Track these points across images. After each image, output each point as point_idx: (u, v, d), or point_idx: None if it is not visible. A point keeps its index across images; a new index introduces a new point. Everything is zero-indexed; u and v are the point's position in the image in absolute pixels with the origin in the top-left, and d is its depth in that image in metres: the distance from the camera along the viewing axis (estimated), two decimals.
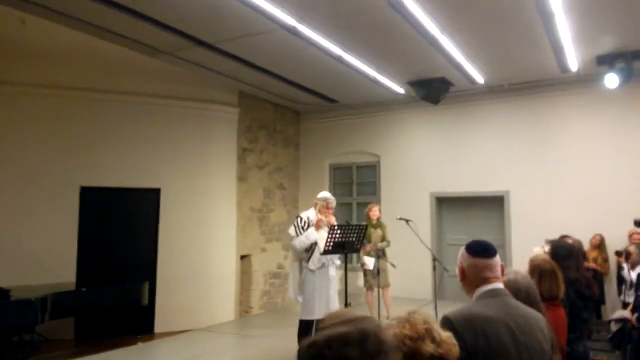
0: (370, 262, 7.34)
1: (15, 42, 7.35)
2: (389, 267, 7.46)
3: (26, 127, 7.65)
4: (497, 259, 2.01)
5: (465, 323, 1.76)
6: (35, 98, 7.72)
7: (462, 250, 2.05)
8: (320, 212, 5.85)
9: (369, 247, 7.37)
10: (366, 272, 7.55)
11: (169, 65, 7.87)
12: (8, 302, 5.97)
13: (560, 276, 2.93)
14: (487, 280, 1.95)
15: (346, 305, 5.55)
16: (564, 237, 4.26)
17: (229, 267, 9.07)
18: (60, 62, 7.82)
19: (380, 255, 7.40)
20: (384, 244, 7.60)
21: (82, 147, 7.92)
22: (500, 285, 1.97)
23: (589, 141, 8.39)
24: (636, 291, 5.92)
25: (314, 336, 1.19)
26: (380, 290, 7.41)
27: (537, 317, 1.96)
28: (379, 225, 7.68)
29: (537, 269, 2.97)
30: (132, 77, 8.27)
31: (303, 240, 5.72)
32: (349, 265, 5.79)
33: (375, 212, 7.71)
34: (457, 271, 2.07)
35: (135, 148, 8.26)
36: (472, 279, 1.98)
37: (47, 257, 7.49)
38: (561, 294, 2.93)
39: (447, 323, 1.77)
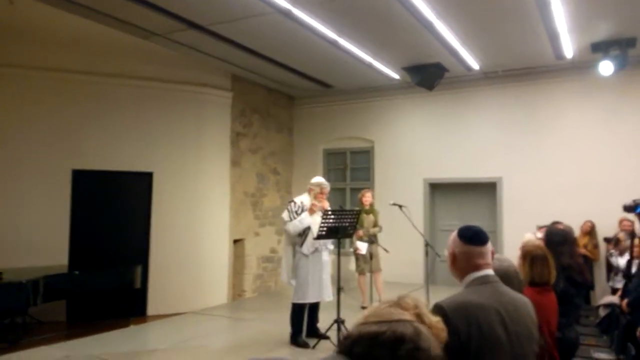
0: (362, 247, 7.38)
1: (5, 23, 7.22)
2: (380, 252, 7.50)
3: (17, 109, 7.55)
4: (489, 246, 2.01)
5: (457, 311, 1.76)
6: (25, 80, 7.62)
7: (454, 235, 2.03)
8: (315, 197, 5.86)
9: (361, 233, 7.40)
10: (358, 257, 7.59)
11: (162, 48, 7.78)
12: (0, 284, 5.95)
13: (552, 262, 2.95)
14: (478, 267, 1.94)
15: (338, 289, 5.59)
16: (555, 223, 4.28)
17: (222, 250, 9.08)
18: (52, 44, 7.71)
19: (372, 240, 7.44)
20: (376, 229, 7.63)
21: (74, 130, 7.84)
22: (490, 271, 1.96)
23: (582, 128, 8.42)
24: (624, 277, 6.01)
25: (352, 329, 1.19)
26: (372, 274, 7.46)
27: (525, 302, 1.97)
28: (372, 210, 7.70)
29: (528, 254, 2.99)
30: (125, 60, 8.17)
31: (296, 225, 5.74)
32: (342, 250, 5.83)
33: (367, 198, 7.72)
34: (446, 256, 2.06)
35: (128, 131, 8.19)
36: (462, 265, 1.97)
37: (39, 240, 7.46)
38: (552, 279, 2.96)
39: (440, 311, 1.75)
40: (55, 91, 7.78)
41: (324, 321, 5.87)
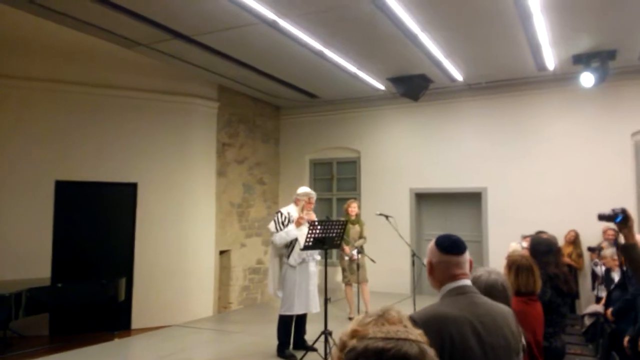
0: (354, 253, 7.36)
1: None
2: (367, 262, 7.49)
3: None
4: (466, 255, 1.97)
5: (429, 323, 1.70)
6: (8, 90, 7.53)
7: (431, 244, 2.01)
8: (302, 208, 5.85)
9: (347, 249, 7.36)
10: (344, 268, 7.57)
11: (147, 58, 7.75)
12: None
13: (537, 272, 2.97)
14: (454, 277, 1.91)
15: (325, 300, 5.57)
16: (539, 233, 4.33)
17: (208, 262, 9.01)
18: (35, 53, 7.64)
19: (359, 250, 7.42)
20: (361, 241, 7.61)
21: (57, 140, 7.75)
22: (467, 282, 1.94)
23: (565, 138, 8.54)
24: (607, 286, 6.08)
25: (357, 342, 1.19)
26: (359, 285, 7.45)
27: (504, 313, 1.93)
28: (357, 221, 7.69)
29: (513, 264, 3.01)
30: (109, 70, 8.12)
31: (283, 236, 5.73)
32: (329, 261, 5.81)
33: (353, 208, 7.71)
34: (423, 262, 2.04)
35: (112, 141, 8.12)
36: (439, 275, 1.95)
37: (21, 251, 7.34)
38: (537, 289, 2.97)
39: (411, 324, 1.75)
40: (39, 101, 7.69)
41: (312, 333, 5.83)
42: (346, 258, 7.47)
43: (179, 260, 8.52)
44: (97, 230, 8.00)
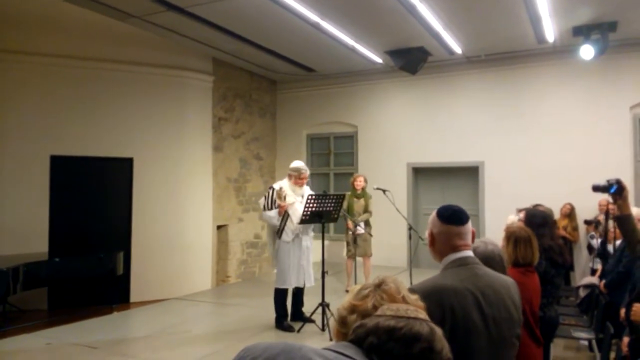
0: (360, 227, 7.39)
1: None
2: (369, 237, 7.54)
3: None
4: (469, 226, 1.93)
5: (430, 295, 1.67)
6: (3, 65, 7.40)
7: (433, 215, 1.96)
8: (294, 182, 5.84)
9: (350, 224, 7.37)
10: (348, 242, 7.60)
11: (141, 30, 7.62)
12: None
13: (535, 243, 2.97)
14: (456, 248, 1.88)
15: (323, 273, 5.60)
16: (536, 206, 4.33)
17: (205, 236, 9.04)
18: (29, 27, 7.50)
19: (363, 224, 7.44)
20: (366, 215, 7.60)
21: (52, 115, 7.67)
22: (469, 253, 1.90)
23: (563, 111, 8.50)
24: (599, 257, 6.13)
25: (367, 319, 1.19)
26: (363, 259, 7.51)
27: (506, 285, 1.91)
28: (363, 195, 7.66)
29: (512, 235, 3.01)
30: (103, 43, 8.00)
31: (266, 219, 5.86)
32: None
33: (359, 182, 7.66)
34: (426, 236, 1.99)
35: (107, 116, 8.05)
36: (440, 246, 1.91)
37: (17, 227, 7.33)
38: (535, 260, 2.98)
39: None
40: (33, 75, 7.59)
41: (309, 305, 5.88)
42: (350, 232, 7.50)
43: (177, 234, 8.54)
44: (94, 204, 7.99)
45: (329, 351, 1.12)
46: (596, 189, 2.92)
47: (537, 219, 3.60)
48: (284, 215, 5.69)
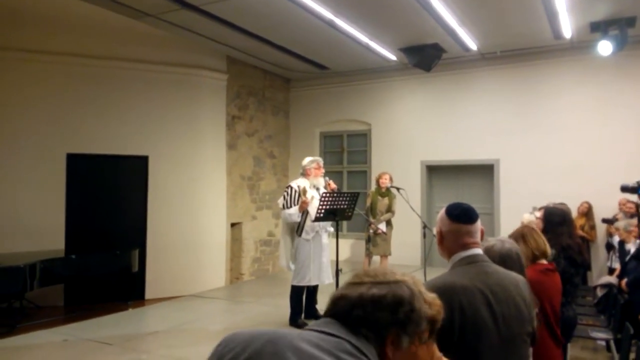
0: (382, 226, 7.36)
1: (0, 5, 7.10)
2: (392, 237, 7.53)
3: (10, 92, 7.44)
4: (478, 224, 1.91)
5: (439, 293, 1.63)
6: (19, 63, 7.49)
7: (442, 213, 1.95)
8: (314, 175, 5.84)
9: (372, 225, 7.34)
10: (368, 239, 7.57)
11: (156, 29, 7.66)
12: None
13: (540, 233, 2.94)
14: (465, 246, 1.87)
15: (337, 271, 5.58)
16: (560, 204, 4.25)
17: (219, 234, 9.07)
18: (45, 26, 7.57)
19: (384, 223, 7.43)
20: (388, 215, 7.55)
21: (68, 113, 7.74)
22: (478, 251, 1.88)
23: (581, 109, 8.38)
24: (621, 258, 6.03)
25: (346, 289, 1.16)
26: (380, 258, 7.52)
27: (516, 282, 1.89)
28: (387, 194, 7.61)
29: (518, 235, 2.96)
30: (117, 42, 8.05)
31: (286, 217, 5.78)
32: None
33: (385, 180, 7.58)
34: (434, 234, 1.97)
35: (122, 114, 8.10)
36: (449, 244, 1.90)
37: (34, 224, 7.41)
38: (548, 249, 2.92)
39: None
40: (50, 74, 7.66)
41: (323, 303, 5.86)
42: (370, 231, 7.48)
43: (191, 232, 8.58)
44: (109, 202, 8.05)
45: (312, 332, 1.09)
46: (625, 189, 2.88)
47: (556, 217, 3.55)
48: (304, 213, 5.69)
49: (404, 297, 1.12)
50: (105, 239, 7.79)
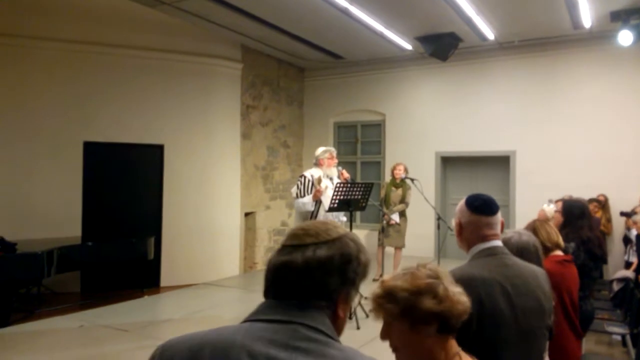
0: (395, 217, 7.34)
1: None
2: (407, 228, 7.51)
3: (28, 81, 7.52)
4: (498, 216, 1.89)
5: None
6: (37, 51, 7.55)
7: (461, 204, 1.92)
8: (327, 165, 5.83)
9: (386, 216, 7.30)
10: (382, 230, 7.56)
11: (171, 18, 7.66)
12: (14, 255, 6.02)
13: (551, 224, 2.91)
14: (485, 238, 1.84)
15: None
16: (591, 201, 4.18)
17: (233, 223, 9.12)
18: (62, 15, 7.62)
19: (397, 216, 7.40)
20: (401, 206, 7.50)
21: (85, 101, 7.81)
22: (498, 243, 1.86)
23: (599, 100, 8.23)
24: (638, 252, 5.95)
25: (288, 254, 1.07)
26: (395, 249, 7.50)
27: (536, 275, 1.87)
28: (402, 184, 7.55)
29: (528, 227, 2.94)
30: (133, 30, 8.07)
31: (299, 206, 5.76)
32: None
33: (399, 171, 7.50)
34: (453, 225, 1.94)
35: (138, 103, 8.15)
36: (469, 236, 1.88)
37: (52, 211, 7.51)
38: (561, 241, 2.89)
39: None
40: (66, 63, 7.72)
41: None
42: (384, 222, 7.46)
43: (206, 220, 8.64)
44: (125, 190, 8.12)
45: (261, 324, 1.05)
46: None
47: (576, 210, 3.49)
48: (317, 202, 5.69)
49: (351, 254, 1.06)
50: (121, 227, 7.87)
